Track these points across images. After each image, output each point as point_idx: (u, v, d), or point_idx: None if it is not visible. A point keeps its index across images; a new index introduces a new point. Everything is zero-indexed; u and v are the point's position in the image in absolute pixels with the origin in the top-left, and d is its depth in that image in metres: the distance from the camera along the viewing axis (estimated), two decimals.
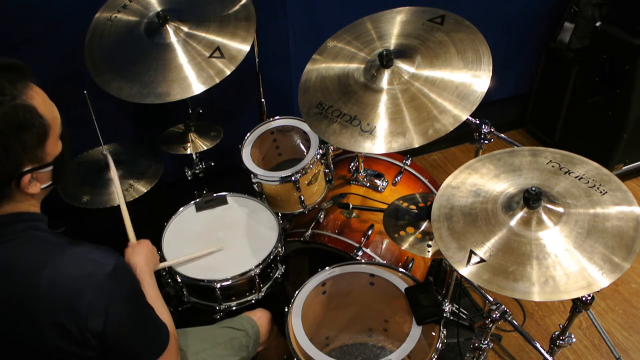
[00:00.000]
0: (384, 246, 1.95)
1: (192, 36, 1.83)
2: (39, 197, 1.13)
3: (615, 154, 2.74)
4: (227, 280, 1.70)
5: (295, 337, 1.55)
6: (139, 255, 1.48)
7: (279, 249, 1.83)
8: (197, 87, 1.75)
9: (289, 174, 1.88)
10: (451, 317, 1.71)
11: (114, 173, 1.70)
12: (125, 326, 1.09)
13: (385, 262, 1.84)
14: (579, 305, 1.45)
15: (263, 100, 2.30)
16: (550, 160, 1.37)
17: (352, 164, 2.17)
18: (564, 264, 1.16)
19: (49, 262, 1.04)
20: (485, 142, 1.71)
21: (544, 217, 1.23)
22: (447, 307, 1.62)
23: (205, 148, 2.05)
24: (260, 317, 1.71)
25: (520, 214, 1.24)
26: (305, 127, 2.03)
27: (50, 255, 1.05)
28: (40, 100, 1.04)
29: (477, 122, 1.68)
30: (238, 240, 1.84)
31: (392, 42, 1.69)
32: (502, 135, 1.74)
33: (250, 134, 2.06)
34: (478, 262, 1.20)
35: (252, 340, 1.65)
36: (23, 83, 1.02)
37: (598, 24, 2.61)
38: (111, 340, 1.07)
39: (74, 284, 1.03)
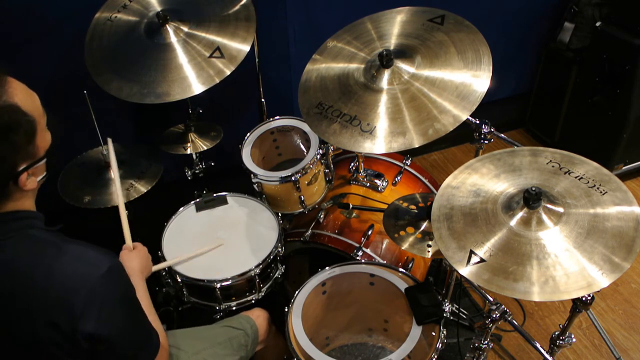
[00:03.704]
0: (384, 246, 1.95)
1: (192, 36, 1.83)
2: (34, 192, 1.13)
3: (615, 154, 2.74)
4: (227, 280, 1.70)
5: (295, 337, 1.55)
6: (134, 261, 1.47)
7: (279, 249, 1.83)
8: (197, 87, 1.75)
9: (289, 174, 1.88)
10: (451, 317, 1.71)
11: (115, 171, 1.66)
12: (117, 329, 1.08)
13: (385, 262, 1.84)
14: (579, 305, 1.45)
15: (263, 100, 2.30)
16: (550, 160, 1.37)
17: (352, 164, 2.17)
18: (564, 264, 1.16)
19: (45, 261, 1.04)
20: (485, 142, 1.71)
21: (544, 217, 1.23)
22: (447, 307, 1.62)
23: (205, 148, 2.05)
24: (259, 317, 1.71)
25: (520, 214, 1.24)
26: (305, 127, 2.03)
27: (46, 254, 1.05)
28: (22, 96, 1.02)
29: (477, 122, 1.68)
30: (238, 240, 1.84)
31: (392, 42, 1.69)
32: (502, 135, 1.74)
33: (250, 134, 2.06)
34: (478, 262, 1.20)
35: (251, 339, 1.65)
36: (1, 81, 0.99)
37: (598, 24, 2.61)
38: (101, 342, 1.05)
39: (68, 284, 1.03)
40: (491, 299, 1.93)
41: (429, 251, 1.57)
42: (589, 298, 1.41)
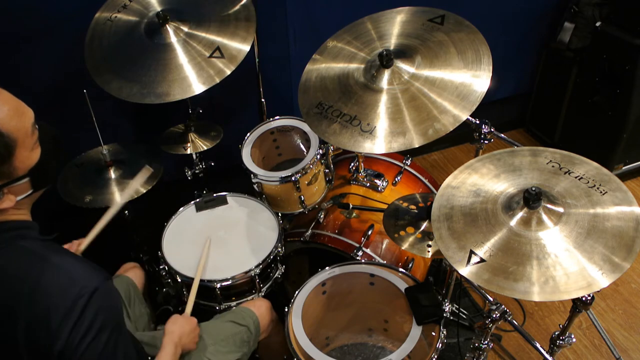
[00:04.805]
0: (384, 246, 1.95)
1: (192, 36, 1.83)
2: (26, 205, 1.10)
3: (615, 154, 2.74)
4: (227, 280, 1.70)
5: (295, 337, 1.55)
6: (177, 324, 1.45)
7: (279, 249, 1.83)
8: (197, 87, 1.74)
9: (289, 174, 1.88)
10: (451, 317, 1.71)
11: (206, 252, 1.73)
12: (90, 353, 1.01)
13: (385, 262, 1.84)
14: (579, 305, 1.45)
15: (263, 100, 2.30)
16: (550, 160, 1.37)
17: (352, 164, 2.17)
18: (564, 264, 1.16)
19: (32, 274, 1.01)
20: (485, 142, 1.71)
21: (544, 217, 1.23)
22: (447, 307, 1.62)
23: (205, 148, 2.05)
24: (260, 307, 1.71)
25: (520, 214, 1.24)
26: (305, 127, 2.03)
27: (34, 267, 1.02)
28: (5, 115, 0.98)
29: (477, 122, 1.68)
30: (238, 240, 1.84)
31: (392, 42, 1.69)
32: (502, 135, 1.74)
33: (250, 134, 2.06)
34: (478, 262, 1.20)
35: (254, 335, 1.66)
36: None
37: (598, 24, 2.61)
38: None
39: (51, 300, 0.99)
40: (491, 299, 1.93)
41: (429, 251, 1.57)
42: (589, 298, 1.41)
